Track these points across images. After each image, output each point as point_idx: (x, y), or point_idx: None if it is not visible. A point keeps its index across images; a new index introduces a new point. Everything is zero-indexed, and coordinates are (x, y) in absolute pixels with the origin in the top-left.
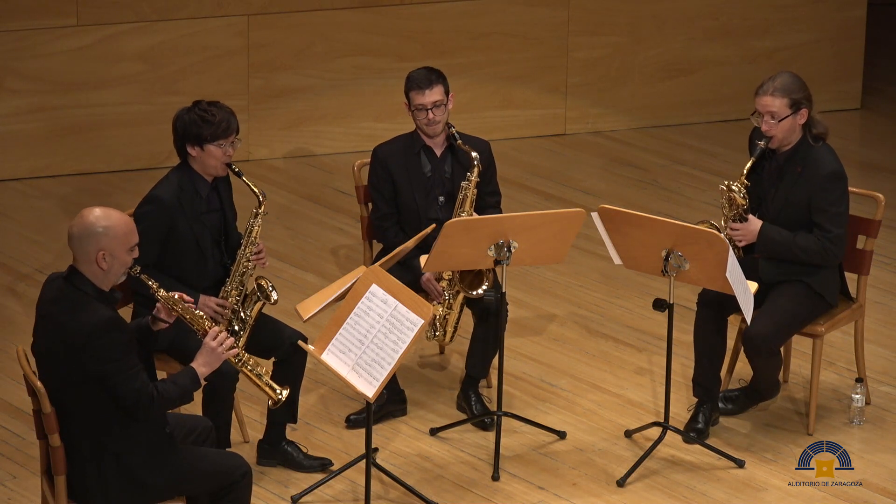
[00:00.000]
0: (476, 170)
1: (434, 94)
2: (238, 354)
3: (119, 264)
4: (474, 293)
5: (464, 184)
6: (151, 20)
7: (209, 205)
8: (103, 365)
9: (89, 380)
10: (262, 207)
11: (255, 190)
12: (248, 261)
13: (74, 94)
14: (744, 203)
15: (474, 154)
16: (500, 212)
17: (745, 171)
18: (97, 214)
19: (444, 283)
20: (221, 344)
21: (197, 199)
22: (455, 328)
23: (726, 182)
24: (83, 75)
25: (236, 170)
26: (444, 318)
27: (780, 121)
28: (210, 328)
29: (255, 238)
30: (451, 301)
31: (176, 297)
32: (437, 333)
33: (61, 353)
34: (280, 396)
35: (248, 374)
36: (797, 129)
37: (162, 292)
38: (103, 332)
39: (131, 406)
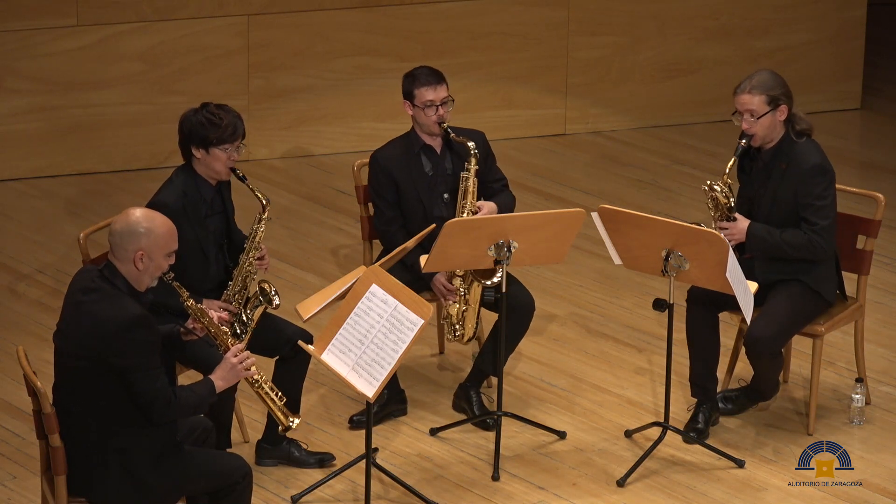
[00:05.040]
0: (473, 159)
1: (443, 91)
2: (255, 376)
3: (155, 267)
4: (489, 282)
5: (463, 174)
6: (151, 20)
7: (213, 208)
8: (127, 360)
9: (110, 373)
10: (266, 213)
11: (260, 196)
12: (251, 265)
13: (74, 94)
14: (727, 202)
15: (471, 143)
16: (511, 193)
17: (727, 170)
18: (140, 215)
19: (457, 280)
20: (242, 362)
21: (201, 204)
22: (476, 326)
23: (708, 182)
24: (83, 75)
25: (241, 175)
26: (462, 314)
27: (759, 118)
28: (233, 344)
29: (259, 243)
30: (467, 296)
31: (204, 309)
32: (457, 333)
33: (85, 342)
34: (290, 424)
35: (264, 397)
36: (778, 125)
37: (191, 302)
38: (132, 328)
39: (147, 405)
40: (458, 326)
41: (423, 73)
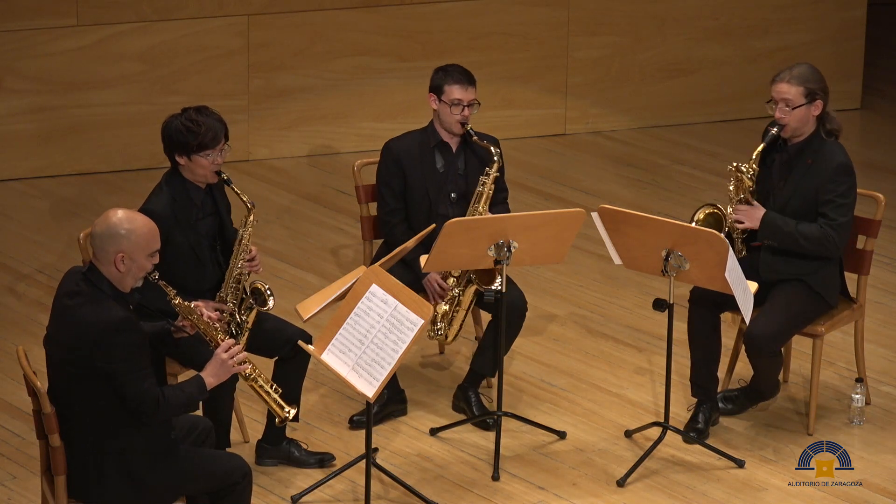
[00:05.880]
0: (496, 165)
1: (472, 93)
2: (248, 370)
3: (137, 268)
4: (491, 288)
5: (482, 178)
6: (151, 20)
7: (204, 210)
8: (113, 363)
9: (98, 376)
10: (252, 216)
11: (245, 200)
12: (240, 268)
13: (74, 94)
14: (751, 185)
15: (494, 149)
16: (508, 208)
17: (754, 156)
18: (121, 216)
19: (451, 280)
20: (233, 357)
21: (191, 208)
22: (459, 328)
23: (735, 163)
24: (83, 75)
25: (225, 178)
26: (451, 315)
27: (794, 108)
28: (223, 340)
29: (247, 245)
30: (460, 298)
31: (192, 306)
32: (439, 332)
33: (72, 346)
34: (287, 415)
35: (258, 389)
36: (811, 120)
37: (178, 300)
38: (116, 331)
39: (136, 407)
40: (440, 326)
41: (457, 71)
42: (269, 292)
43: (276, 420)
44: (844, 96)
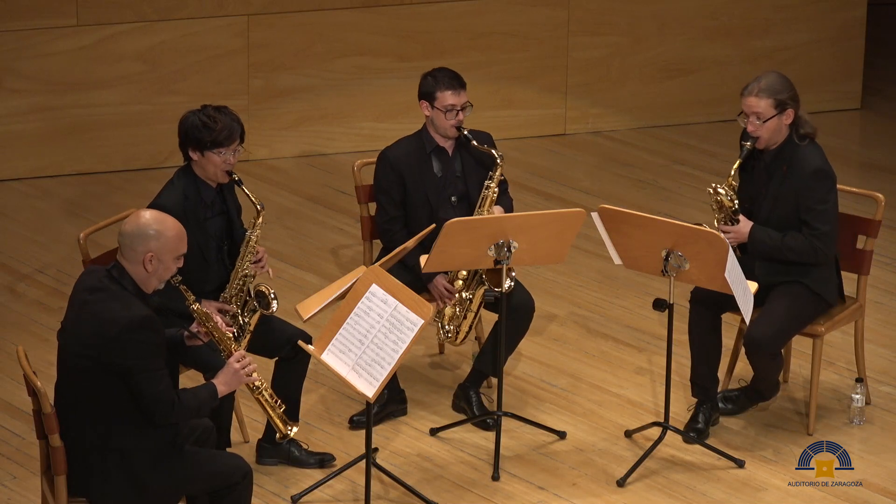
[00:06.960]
0: (499, 169)
1: (465, 96)
2: (256, 382)
3: (164, 269)
4: (499, 289)
5: (487, 182)
6: (151, 20)
7: (213, 209)
8: (130, 361)
9: (111, 373)
10: (260, 218)
11: (254, 201)
12: (246, 269)
13: (74, 94)
14: (731, 206)
15: (497, 153)
16: (509, 196)
17: (731, 173)
18: (150, 217)
19: (459, 283)
20: (244, 367)
21: (201, 206)
22: (469, 330)
23: (713, 185)
24: (83, 75)
25: (237, 178)
26: (462, 316)
27: (765, 121)
28: (236, 350)
29: (254, 247)
30: (471, 300)
31: (209, 313)
32: (448, 335)
33: (89, 341)
34: (289, 432)
35: (263, 404)
36: (783, 129)
37: (196, 306)
38: (137, 329)
39: (149, 407)
40: (449, 327)
41: (447, 77)
42: (272, 296)
43: (277, 436)
44: (844, 96)
